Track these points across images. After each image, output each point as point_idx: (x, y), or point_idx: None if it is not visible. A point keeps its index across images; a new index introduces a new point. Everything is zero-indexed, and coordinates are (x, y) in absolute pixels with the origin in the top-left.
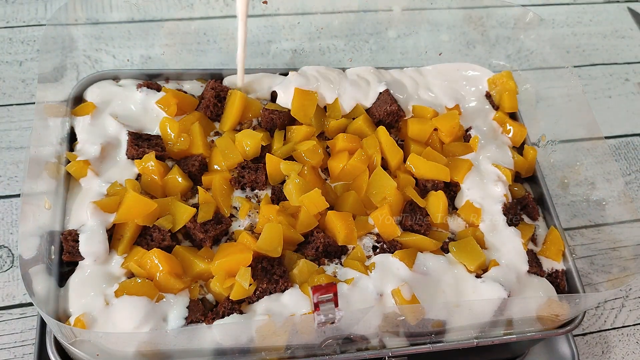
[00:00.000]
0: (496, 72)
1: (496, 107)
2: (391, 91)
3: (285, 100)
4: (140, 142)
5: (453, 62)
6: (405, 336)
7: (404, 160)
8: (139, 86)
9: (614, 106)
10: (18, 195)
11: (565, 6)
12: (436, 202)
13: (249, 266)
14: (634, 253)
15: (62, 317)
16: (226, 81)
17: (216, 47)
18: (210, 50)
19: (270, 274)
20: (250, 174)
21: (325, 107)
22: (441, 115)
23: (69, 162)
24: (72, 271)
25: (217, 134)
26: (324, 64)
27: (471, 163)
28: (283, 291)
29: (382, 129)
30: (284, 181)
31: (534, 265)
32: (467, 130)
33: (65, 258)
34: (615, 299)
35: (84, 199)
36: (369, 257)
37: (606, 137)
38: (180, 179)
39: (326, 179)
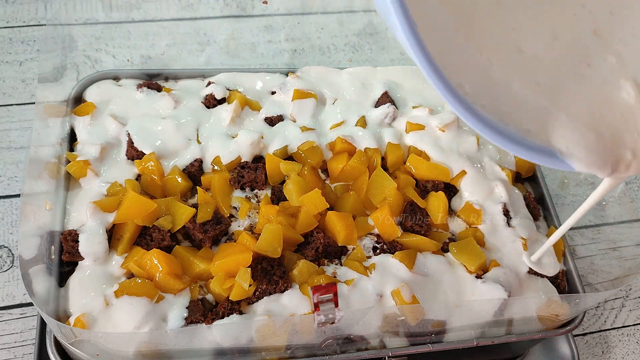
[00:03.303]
0: None
1: None
2: (391, 92)
3: (284, 101)
4: None
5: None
6: (405, 336)
7: (404, 161)
8: (139, 86)
9: None
10: (18, 195)
11: None
12: (436, 202)
13: (248, 267)
14: (634, 253)
15: (62, 317)
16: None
17: (216, 47)
18: (210, 50)
19: (270, 275)
20: (250, 173)
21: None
22: (441, 114)
23: (69, 162)
24: (72, 271)
25: None
26: (324, 64)
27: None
28: (283, 292)
29: None
30: (283, 181)
31: None
32: None
33: (65, 258)
34: (615, 299)
35: (84, 199)
36: (369, 257)
37: None
38: (179, 179)
39: (325, 180)
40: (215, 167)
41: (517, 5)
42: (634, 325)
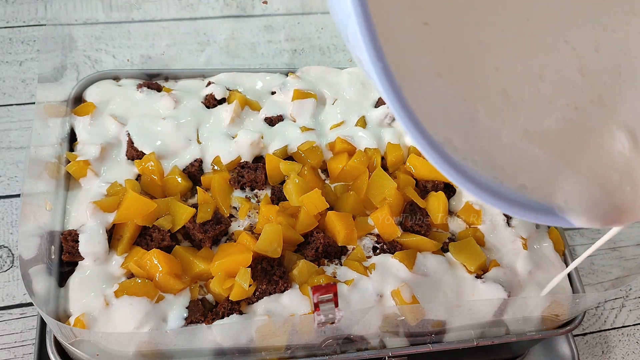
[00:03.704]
0: None
1: None
2: None
3: (284, 101)
4: None
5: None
6: (405, 336)
7: (404, 161)
8: (139, 86)
9: None
10: (18, 195)
11: None
12: (436, 202)
13: (248, 267)
14: (634, 253)
15: (62, 317)
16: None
17: (216, 47)
18: (210, 50)
19: (270, 275)
20: (250, 173)
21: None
22: None
23: (69, 162)
24: (72, 271)
25: None
26: (324, 64)
27: None
28: (283, 292)
29: None
30: (283, 181)
31: None
32: None
33: (64, 258)
34: (615, 299)
35: (83, 199)
36: (369, 257)
37: None
38: (179, 179)
39: (325, 180)
40: (215, 167)
41: (498, 43)
42: (634, 325)
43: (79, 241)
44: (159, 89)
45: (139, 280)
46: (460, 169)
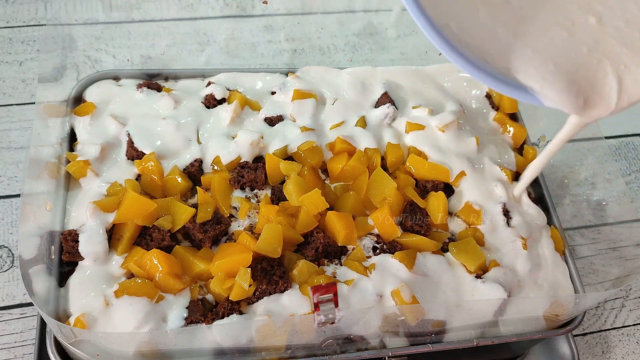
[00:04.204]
0: None
1: (496, 108)
2: (391, 92)
3: (284, 101)
4: None
5: (453, 62)
6: (405, 336)
7: (404, 161)
8: (139, 86)
9: None
10: (18, 195)
11: None
12: (436, 202)
13: (248, 267)
14: (634, 253)
15: (62, 317)
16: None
17: (216, 47)
18: (210, 50)
19: (270, 275)
20: (250, 173)
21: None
22: (441, 115)
23: (69, 162)
24: (72, 271)
25: None
26: (324, 64)
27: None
28: (283, 292)
29: None
30: (283, 181)
31: None
32: None
33: (64, 258)
34: (616, 299)
35: (83, 199)
36: (368, 257)
37: (606, 137)
38: (179, 179)
39: (325, 180)
40: (215, 167)
41: None
42: (634, 325)
43: (79, 241)
44: (159, 89)
45: (139, 280)
46: (453, 46)
